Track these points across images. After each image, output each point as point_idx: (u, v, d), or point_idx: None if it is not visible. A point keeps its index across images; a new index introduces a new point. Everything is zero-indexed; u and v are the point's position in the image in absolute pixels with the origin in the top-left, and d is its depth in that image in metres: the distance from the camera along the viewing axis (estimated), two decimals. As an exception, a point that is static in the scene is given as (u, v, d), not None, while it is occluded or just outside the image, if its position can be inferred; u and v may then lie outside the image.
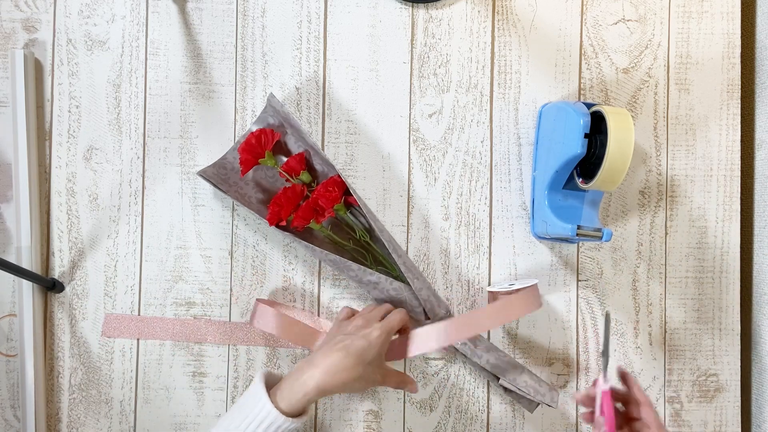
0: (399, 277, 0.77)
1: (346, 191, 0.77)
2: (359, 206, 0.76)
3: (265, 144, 0.77)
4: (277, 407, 0.63)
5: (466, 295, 0.81)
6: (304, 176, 0.78)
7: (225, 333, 0.79)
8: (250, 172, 0.80)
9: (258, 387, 0.65)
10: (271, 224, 0.75)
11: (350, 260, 0.75)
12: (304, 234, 0.78)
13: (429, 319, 0.76)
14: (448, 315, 0.77)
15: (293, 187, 0.76)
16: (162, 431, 0.80)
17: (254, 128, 0.79)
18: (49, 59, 0.81)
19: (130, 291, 0.80)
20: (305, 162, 0.79)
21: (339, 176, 0.76)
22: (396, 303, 0.76)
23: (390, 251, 0.75)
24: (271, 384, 0.67)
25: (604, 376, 0.63)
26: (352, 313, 0.75)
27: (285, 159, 0.79)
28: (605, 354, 0.64)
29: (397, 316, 0.71)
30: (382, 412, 0.80)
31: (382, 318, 0.72)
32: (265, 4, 0.81)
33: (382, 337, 0.68)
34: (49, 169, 0.80)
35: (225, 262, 0.80)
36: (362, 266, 0.75)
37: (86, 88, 0.81)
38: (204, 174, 0.76)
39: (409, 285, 0.75)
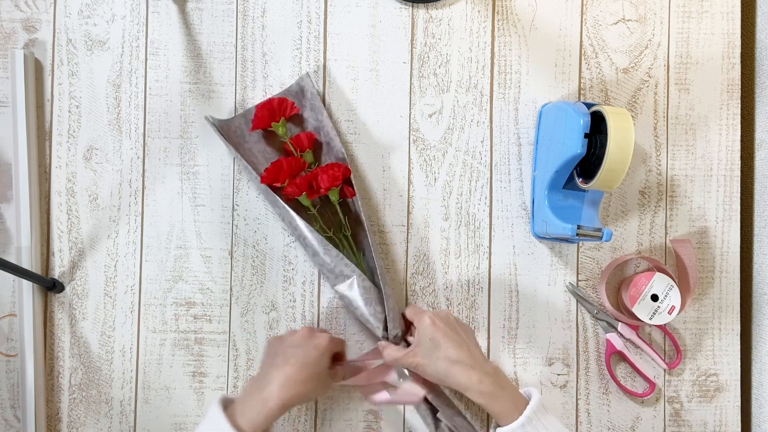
0: (369, 278, 0.76)
1: (346, 181, 0.77)
2: (354, 200, 0.77)
3: (284, 111, 0.78)
4: (240, 430, 0.63)
5: (466, 295, 0.81)
6: (308, 156, 0.78)
7: None
8: (250, 141, 0.80)
9: (217, 414, 0.64)
10: (263, 182, 0.75)
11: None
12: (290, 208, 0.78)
13: (386, 331, 0.74)
14: (403, 332, 0.75)
15: (296, 158, 0.77)
16: (162, 431, 0.80)
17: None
18: (49, 59, 0.81)
19: (130, 291, 0.80)
20: (314, 144, 0.79)
21: (346, 165, 0.77)
22: (359, 303, 0.74)
23: (372, 250, 0.75)
24: (229, 408, 0.66)
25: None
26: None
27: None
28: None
29: (341, 342, 0.76)
30: (382, 412, 0.80)
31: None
32: (265, 4, 0.81)
33: (330, 344, 0.71)
34: (49, 169, 0.80)
35: (225, 262, 0.80)
36: (341, 254, 0.74)
37: (86, 88, 0.81)
38: (210, 119, 0.77)
39: (379, 289, 0.75)
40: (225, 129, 0.79)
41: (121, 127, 0.81)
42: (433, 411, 0.76)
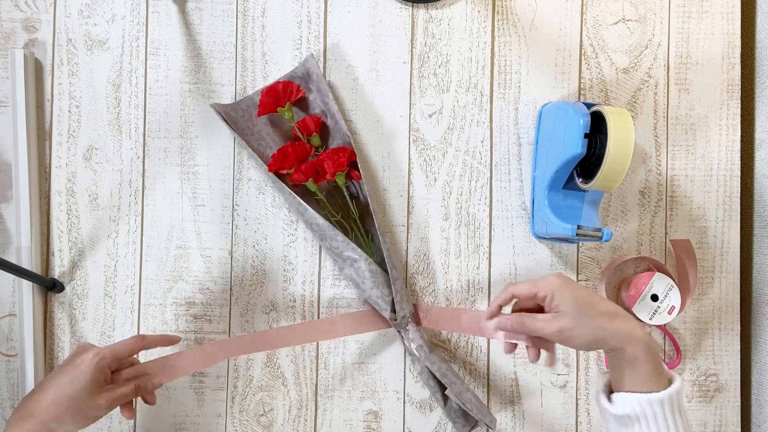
0: (376, 262, 0.76)
1: (352, 164, 0.77)
2: (360, 183, 0.77)
3: (289, 95, 0.77)
4: None
5: (466, 295, 0.81)
6: (315, 140, 0.78)
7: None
8: (258, 123, 0.80)
9: None
10: (270, 170, 0.75)
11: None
12: (296, 194, 0.77)
13: (395, 312, 0.75)
14: (411, 314, 0.76)
15: (302, 144, 0.77)
16: (162, 431, 0.80)
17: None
18: (49, 59, 0.81)
19: (130, 291, 0.80)
20: (321, 127, 0.79)
21: (351, 148, 0.76)
22: (367, 286, 0.75)
23: (378, 234, 0.75)
24: None
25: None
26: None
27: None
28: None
29: (123, 341, 0.65)
30: (382, 412, 0.80)
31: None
32: (265, 4, 0.81)
33: (96, 359, 0.62)
34: (49, 169, 0.80)
35: (225, 262, 0.80)
36: (347, 239, 0.75)
37: (86, 88, 0.81)
38: (216, 107, 0.77)
39: (387, 272, 0.75)
40: (232, 114, 0.79)
41: (121, 127, 0.81)
42: (442, 388, 0.76)
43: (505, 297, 0.66)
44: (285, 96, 0.77)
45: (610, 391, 0.63)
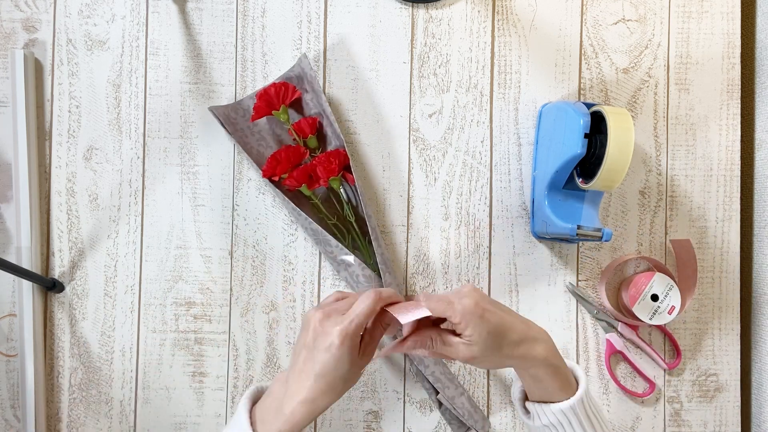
0: (372, 266, 0.77)
1: (346, 167, 0.77)
2: (354, 186, 0.77)
3: (284, 98, 0.77)
4: None
5: (466, 295, 0.81)
6: (311, 141, 0.78)
7: None
8: (259, 123, 0.80)
9: (242, 417, 0.59)
10: (264, 176, 0.75)
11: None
12: (292, 197, 0.78)
13: None
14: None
15: (296, 147, 0.76)
16: (162, 431, 0.80)
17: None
18: (49, 59, 0.81)
19: (130, 291, 0.80)
20: (317, 128, 0.79)
21: (345, 151, 0.76)
22: (359, 291, 0.75)
23: (372, 238, 0.75)
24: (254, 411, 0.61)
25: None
26: (340, 296, 0.64)
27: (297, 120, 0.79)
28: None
29: (362, 306, 0.60)
30: (382, 412, 0.80)
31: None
32: (265, 4, 0.81)
33: (346, 342, 0.58)
34: (49, 169, 0.81)
35: (225, 262, 0.80)
36: (340, 244, 0.75)
37: (86, 88, 0.81)
38: (214, 110, 0.77)
39: (380, 277, 0.75)
40: (232, 116, 0.79)
41: (121, 127, 0.81)
42: (436, 391, 0.76)
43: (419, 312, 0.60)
44: (278, 99, 0.77)
45: (525, 397, 0.65)
